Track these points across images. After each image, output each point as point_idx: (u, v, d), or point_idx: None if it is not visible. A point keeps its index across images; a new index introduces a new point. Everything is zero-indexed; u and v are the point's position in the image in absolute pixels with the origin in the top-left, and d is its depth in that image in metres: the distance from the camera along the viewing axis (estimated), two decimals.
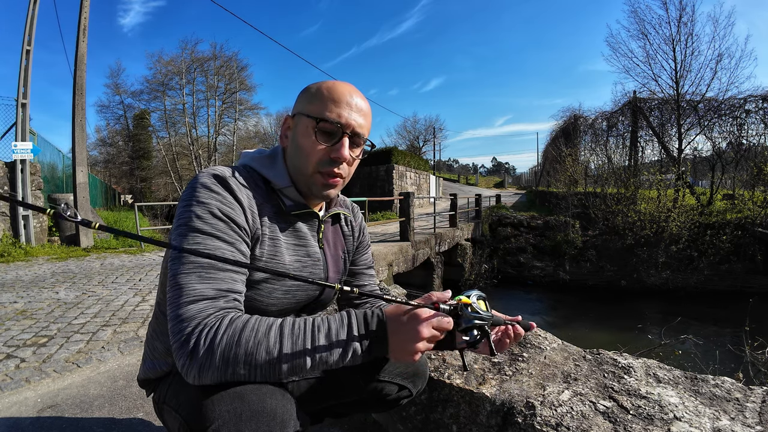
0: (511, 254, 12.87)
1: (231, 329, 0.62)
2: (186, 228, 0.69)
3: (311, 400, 0.99)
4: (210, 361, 0.61)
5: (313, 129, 0.78)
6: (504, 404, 0.99)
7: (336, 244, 0.97)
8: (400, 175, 18.75)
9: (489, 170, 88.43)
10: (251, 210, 0.76)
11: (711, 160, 13.48)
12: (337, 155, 0.78)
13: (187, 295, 0.65)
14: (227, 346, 0.61)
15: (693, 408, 0.91)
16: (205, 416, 0.62)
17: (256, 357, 0.62)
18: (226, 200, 0.72)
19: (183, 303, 0.64)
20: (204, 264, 0.67)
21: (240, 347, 0.61)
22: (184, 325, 0.63)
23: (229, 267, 0.69)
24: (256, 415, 0.62)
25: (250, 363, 0.62)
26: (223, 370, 0.61)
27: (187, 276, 0.66)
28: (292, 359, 0.63)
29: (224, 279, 0.68)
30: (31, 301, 3.56)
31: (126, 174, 26.92)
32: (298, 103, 0.83)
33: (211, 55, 24.20)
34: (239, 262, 0.62)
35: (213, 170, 0.75)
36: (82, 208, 7.20)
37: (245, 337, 0.62)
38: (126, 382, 1.96)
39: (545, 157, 26.35)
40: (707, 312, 8.75)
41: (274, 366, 0.63)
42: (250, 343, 0.62)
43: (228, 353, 0.61)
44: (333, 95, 0.78)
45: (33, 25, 6.95)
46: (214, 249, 0.68)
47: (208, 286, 0.66)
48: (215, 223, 0.69)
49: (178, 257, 0.68)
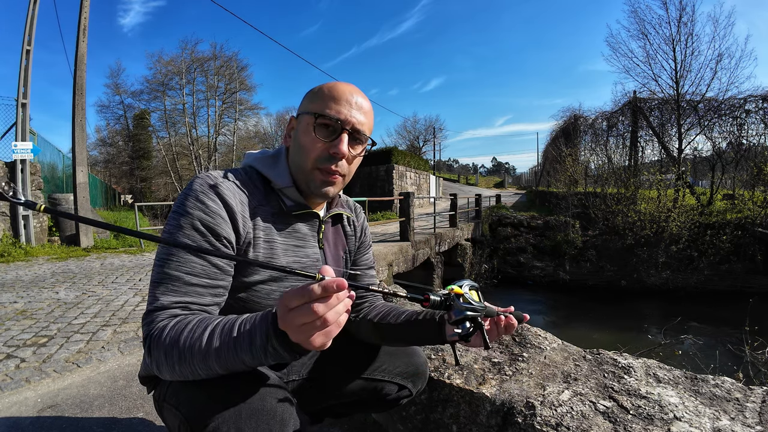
0: (511, 254, 12.86)
1: (174, 331, 0.64)
2: (168, 236, 0.72)
3: (311, 399, 0.99)
4: (159, 361, 0.64)
5: (313, 125, 0.79)
6: (504, 404, 0.99)
7: (337, 244, 0.97)
8: (400, 175, 18.75)
9: (489, 170, 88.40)
10: (243, 215, 0.77)
11: (711, 160, 13.49)
12: (335, 150, 0.79)
13: (151, 303, 0.69)
14: (169, 346, 0.63)
15: (693, 408, 0.91)
16: (204, 414, 0.62)
17: (190, 356, 0.61)
18: (209, 210, 0.73)
19: (147, 310, 0.70)
20: (173, 276, 0.70)
21: (179, 346, 0.62)
22: (144, 329, 0.68)
23: (196, 282, 0.71)
24: (256, 413, 0.63)
25: (188, 363, 0.62)
26: (171, 367, 0.63)
27: (157, 286, 0.70)
28: (221, 357, 0.60)
29: (188, 293, 0.70)
30: (31, 301, 3.56)
31: (126, 174, 26.93)
32: (302, 104, 0.85)
33: (211, 55, 24.24)
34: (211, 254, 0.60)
35: (207, 176, 0.77)
36: (82, 208, 7.20)
37: (183, 337, 0.62)
38: (126, 382, 1.96)
39: (545, 157, 26.35)
40: (707, 312, 8.75)
41: (209, 364, 0.61)
42: (187, 343, 0.62)
43: (170, 353, 0.62)
44: (333, 93, 0.80)
45: (33, 25, 6.95)
46: (184, 262, 0.71)
47: (171, 299, 0.69)
48: (192, 235, 0.71)
49: (156, 264, 0.72)
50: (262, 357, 0.59)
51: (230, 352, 0.59)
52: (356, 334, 1.02)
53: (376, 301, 1.03)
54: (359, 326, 1.00)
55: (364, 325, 0.99)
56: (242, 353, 0.59)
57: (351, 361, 1.01)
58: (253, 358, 0.59)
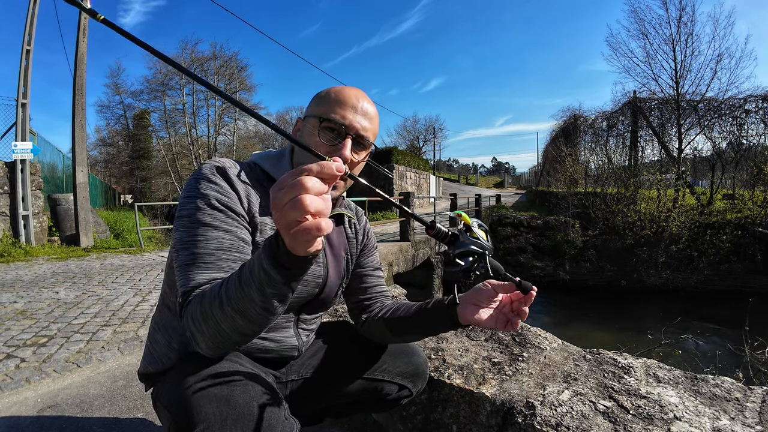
0: (511, 254, 12.87)
1: (200, 295, 0.65)
2: (187, 220, 0.72)
3: (311, 399, 0.99)
4: (192, 330, 0.64)
5: (318, 128, 0.80)
6: (504, 404, 0.99)
7: (339, 245, 0.97)
8: (400, 175, 18.76)
9: (489, 170, 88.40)
10: (248, 200, 0.78)
11: (711, 160, 13.49)
12: (338, 155, 0.79)
13: (185, 285, 0.69)
14: (196, 306, 0.64)
15: (693, 408, 0.91)
16: (191, 418, 0.62)
17: (211, 308, 0.62)
18: (223, 189, 0.75)
19: (182, 292, 0.69)
20: (204, 255, 0.70)
21: (202, 305, 0.63)
22: (180, 310, 0.68)
23: (227, 256, 0.71)
24: (241, 418, 0.62)
25: (213, 316, 0.62)
26: (201, 332, 0.64)
27: (188, 268, 0.70)
28: (234, 297, 0.59)
29: (222, 268, 0.70)
30: (31, 301, 3.56)
31: (126, 174, 26.94)
32: (309, 106, 0.86)
33: (211, 55, 24.31)
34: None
35: (214, 161, 0.79)
36: (82, 208, 7.20)
37: (206, 296, 0.63)
38: (126, 381, 1.96)
39: (545, 157, 26.34)
40: (707, 312, 8.75)
41: (225, 310, 0.60)
42: (207, 298, 0.63)
43: (195, 314, 0.63)
44: (339, 98, 0.81)
45: (33, 25, 6.95)
46: (213, 239, 0.71)
47: (207, 276, 0.69)
48: (213, 214, 0.72)
49: (181, 248, 0.71)
50: (265, 285, 0.56)
51: (238, 290, 0.58)
52: (368, 335, 1.02)
53: (385, 301, 1.03)
54: (371, 326, 0.99)
55: (375, 325, 0.98)
56: (247, 287, 0.58)
57: (351, 361, 1.01)
58: (260, 292, 0.57)
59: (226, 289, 0.60)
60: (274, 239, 0.55)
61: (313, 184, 0.47)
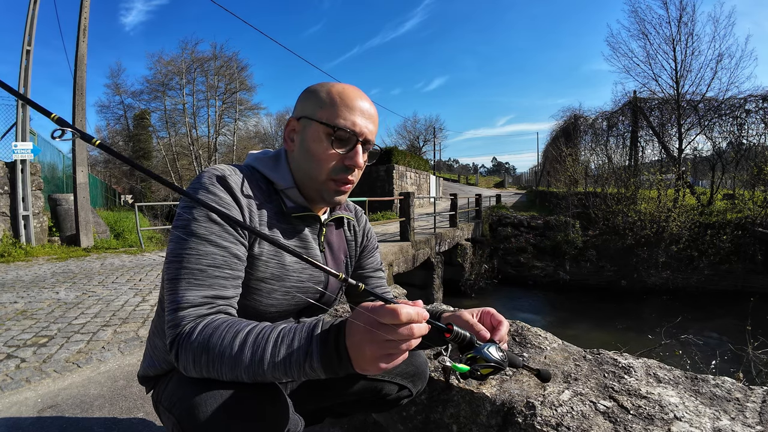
0: (511, 254, 12.86)
1: (202, 335, 0.64)
2: (183, 231, 0.70)
3: (311, 399, 0.99)
4: (187, 364, 0.64)
5: (326, 136, 0.77)
6: (504, 404, 0.99)
7: (339, 248, 0.96)
8: (401, 175, 18.74)
9: (489, 170, 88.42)
10: (249, 209, 0.76)
11: (711, 160, 13.49)
12: (351, 162, 0.78)
13: (175, 302, 0.68)
14: (198, 350, 0.63)
15: (693, 408, 0.91)
16: (196, 419, 0.62)
17: (219, 364, 0.62)
18: (222, 201, 0.73)
19: (171, 309, 0.68)
20: (195, 270, 0.69)
21: (208, 353, 0.62)
22: (170, 331, 0.67)
23: (218, 273, 0.70)
24: (247, 419, 0.63)
25: (216, 369, 0.63)
26: (199, 371, 0.64)
27: (178, 282, 0.68)
28: (251, 369, 0.61)
29: (212, 285, 0.69)
30: (32, 301, 3.56)
31: (126, 174, 26.92)
32: (305, 106, 0.81)
33: (212, 55, 24.24)
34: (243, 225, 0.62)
35: (214, 169, 0.77)
36: (82, 208, 7.20)
37: (213, 343, 0.63)
38: (126, 382, 1.96)
39: (545, 157, 26.34)
40: (707, 312, 8.75)
41: (236, 373, 0.62)
42: (216, 350, 0.62)
43: (199, 358, 0.63)
44: (346, 101, 0.78)
45: (33, 25, 6.95)
46: (206, 254, 0.69)
47: (196, 294, 0.68)
48: (209, 227, 0.71)
49: (172, 260, 0.70)
50: (296, 374, 0.59)
51: (259, 366, 0.60)
52: None
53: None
54: None
55: None
56: (275, 370, 0.59)
57: None
58: (286, 374, 0.59)
59: (243, 358, 0.60)
60: (335, 352, 0.57)
61: (419, 331, 0.54)
